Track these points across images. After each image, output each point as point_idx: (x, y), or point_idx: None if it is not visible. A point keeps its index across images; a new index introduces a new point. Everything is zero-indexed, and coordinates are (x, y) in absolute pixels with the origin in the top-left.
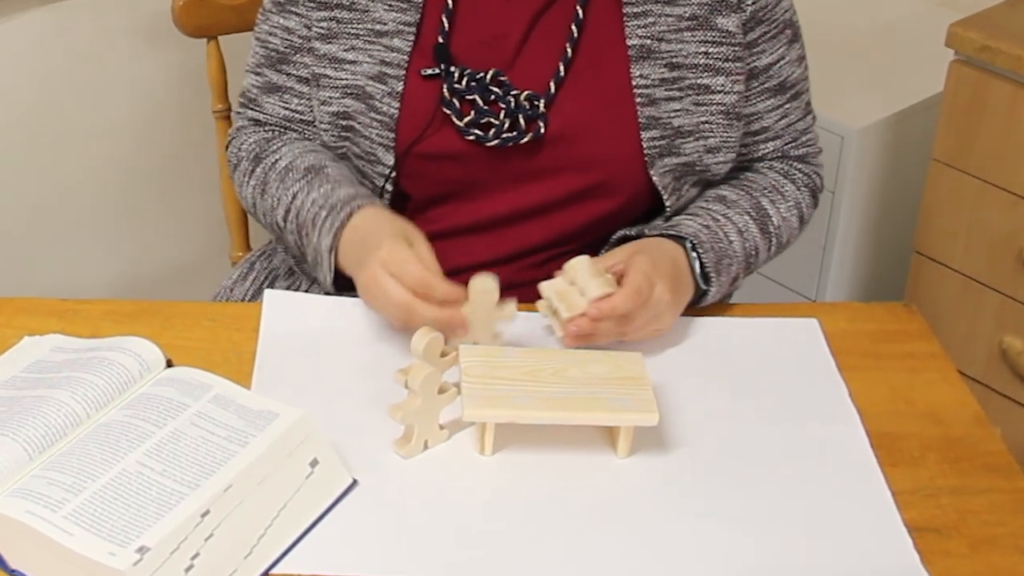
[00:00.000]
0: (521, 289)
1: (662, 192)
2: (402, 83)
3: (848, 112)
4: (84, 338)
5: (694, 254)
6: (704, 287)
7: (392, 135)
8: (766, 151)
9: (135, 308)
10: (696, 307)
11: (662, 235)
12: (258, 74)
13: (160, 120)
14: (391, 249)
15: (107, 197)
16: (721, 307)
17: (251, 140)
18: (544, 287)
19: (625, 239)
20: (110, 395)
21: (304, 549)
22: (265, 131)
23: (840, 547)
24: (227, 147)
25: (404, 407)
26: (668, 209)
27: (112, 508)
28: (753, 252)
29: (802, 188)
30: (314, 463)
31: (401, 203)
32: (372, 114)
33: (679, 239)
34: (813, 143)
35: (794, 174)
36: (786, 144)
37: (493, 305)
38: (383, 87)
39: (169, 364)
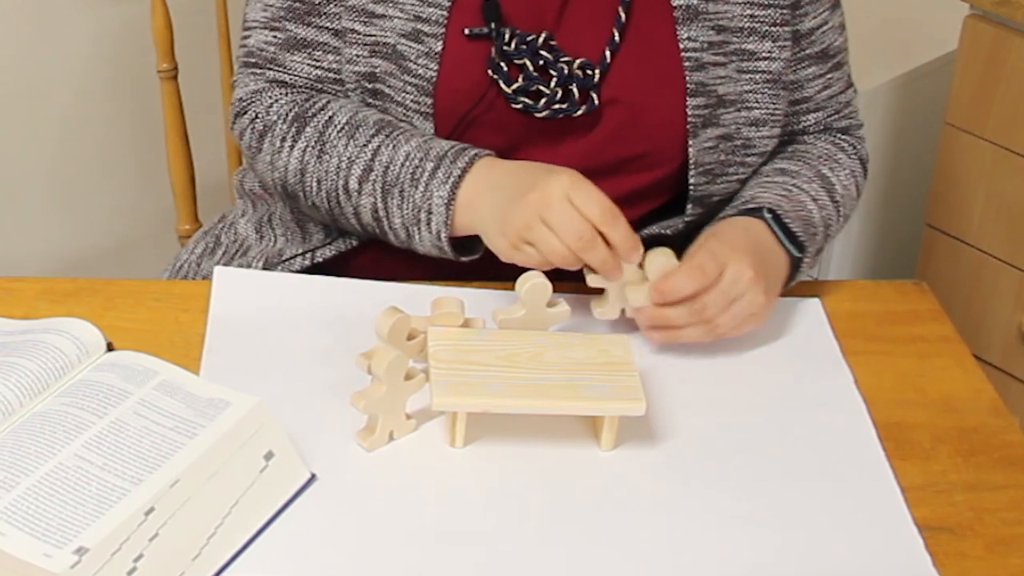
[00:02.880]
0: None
1: (691, 169)
2: (441, 43)
3: (853, 72)
4: (17, 319)
5: (777, 224)
6: (797, 253)
7: (430, 100)
8: (807, 124)
9: (73, 286)
10: (790, 285)
11: (738, 213)
12: (276, 29)
13: (100, 81)
14: (576, 176)
15: (42, 165)
16: None
17: (281, 102)
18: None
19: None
20: (45, 382)
21: (257, 550)
22: (295, 93)
23: (844, 548)
24: (237, 116)
25: (367, 395)
26: (691, 190)
27: (48, 505)
28: (830, 221)
29: (853, 157)
30: (269, 456)
31: None
32: (406, 77)
33: (756, 211)
34: (856, 116)
35: (842, 144)
36: (828, 116)
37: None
38: (419, 47)
39: (110, 348)
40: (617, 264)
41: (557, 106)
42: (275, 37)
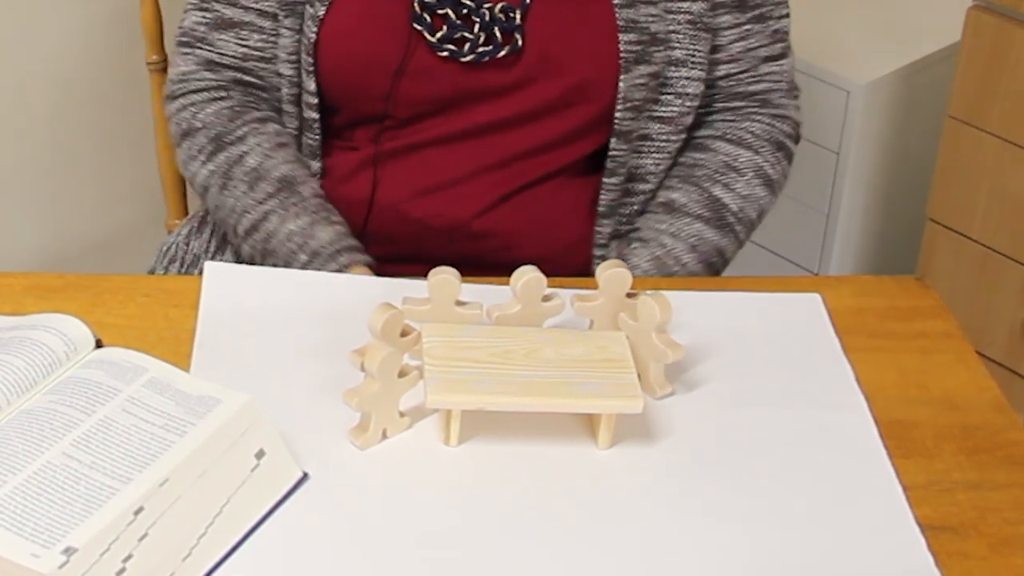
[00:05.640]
0: (501, 206)
1: (619, 104)
2: (324, 7)
3: (854, 64)
4: (4, 315)
5: None
6: None
7: (311, 60)
8: (716, 75)
9: (61, 282)
10: None
11: None
12: (206, 10)
13: (88, 73)
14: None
15: (28, 159)
16: (712, 281)
17: (209, 111)
18: None
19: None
20: (33, 379)
21: (249, 550)
22: (223, 98)
23: (845, 547)
24: (169, 97)
25: (360, 392)
26: (616, 125)
27: (35, 505)
28: (714, 256)
29: (761, 148)
30: (260, 454)
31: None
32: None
33: None
34: (779, 80)
35: (748, 134)
36: (742, 72)
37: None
38: (311, 10)
39: (99, 344)
40: None
41: (481, 49)
42: (204, 17)
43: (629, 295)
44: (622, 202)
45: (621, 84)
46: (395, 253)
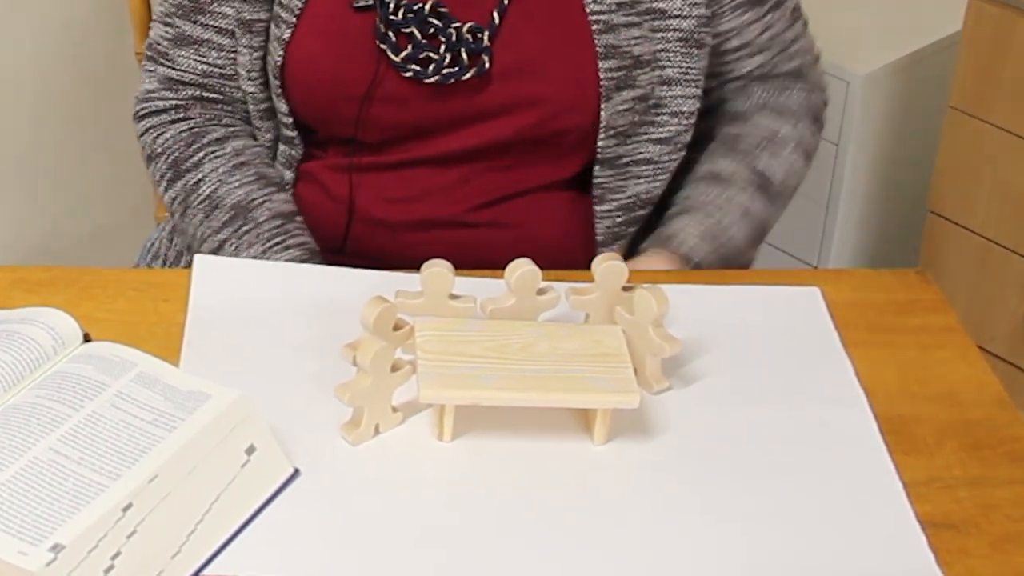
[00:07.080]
0: (471, 229)
1: (601, 132)
2: (290, 30)
3: (853, 55)
4: None
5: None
6: None
7: (278, 83)
8: (751, 67)
9: (48, 275)
10: None
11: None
12: (168, 24)
13: (76, 63)
14: None
15: (16, 150)
16: (710, 274)
17: (167, 135)
18: None
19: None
20: (20, 373)
21: (239, 547)
22: (182, 119)
23: (845, 545)
24: (135, 116)
25: (352, 387)
26: (599, 153)
27: (22, 501)
28: (761, 227)
29: (800, 121)
30: (251, 450)
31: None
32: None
33: (683, 259)
34: (807, 51)
35: (788, 106)
36: (774, 58)
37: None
38: (276, 31)
39: (87, 338)
40: None
41: (447, 71)
42: (167, 32)
43: (625, 288)
44: (623, 232)
45: (603, 112)
46: (378, 263)
